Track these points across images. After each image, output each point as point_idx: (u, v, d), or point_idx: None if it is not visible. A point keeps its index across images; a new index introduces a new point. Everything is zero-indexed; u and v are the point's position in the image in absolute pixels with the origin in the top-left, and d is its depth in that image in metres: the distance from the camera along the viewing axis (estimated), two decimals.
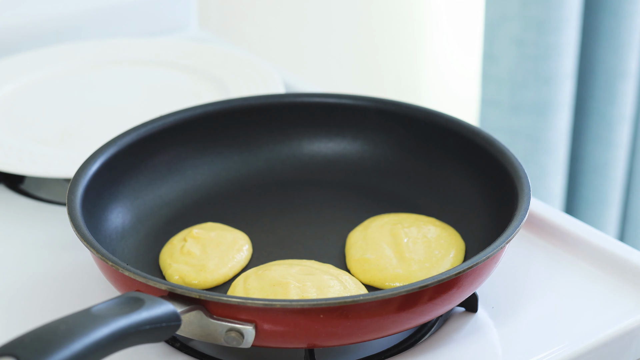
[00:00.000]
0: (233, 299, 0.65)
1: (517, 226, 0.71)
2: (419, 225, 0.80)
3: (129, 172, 0.83)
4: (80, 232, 0.71)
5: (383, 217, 0.82)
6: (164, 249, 0.79)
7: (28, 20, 1.20)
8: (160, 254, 0.79)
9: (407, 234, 0.78)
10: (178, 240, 0.79)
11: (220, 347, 0.73)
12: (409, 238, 0.78)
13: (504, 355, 0.73)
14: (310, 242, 0.82)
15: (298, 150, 0.90)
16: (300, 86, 1.12)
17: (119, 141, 0.83)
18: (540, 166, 1.58)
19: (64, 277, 0.80)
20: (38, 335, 0.56)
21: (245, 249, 0.79)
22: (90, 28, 1.24)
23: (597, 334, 0.74)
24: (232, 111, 0.89)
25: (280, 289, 0.71)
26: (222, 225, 0.82)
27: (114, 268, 0.68)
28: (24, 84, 1.09)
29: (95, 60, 1.14)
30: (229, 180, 0.88)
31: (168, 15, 1.29)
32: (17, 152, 0.94)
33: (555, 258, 0.82)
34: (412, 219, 0.81)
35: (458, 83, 1.86)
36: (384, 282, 0.75)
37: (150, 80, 1.11)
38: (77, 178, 0.77)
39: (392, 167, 0.88)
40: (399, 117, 0.88)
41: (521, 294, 0.78)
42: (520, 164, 0.78)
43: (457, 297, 0.69)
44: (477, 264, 0.68)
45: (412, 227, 0.79)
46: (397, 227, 0.79)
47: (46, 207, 0.91)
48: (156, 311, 0.62)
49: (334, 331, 0.66)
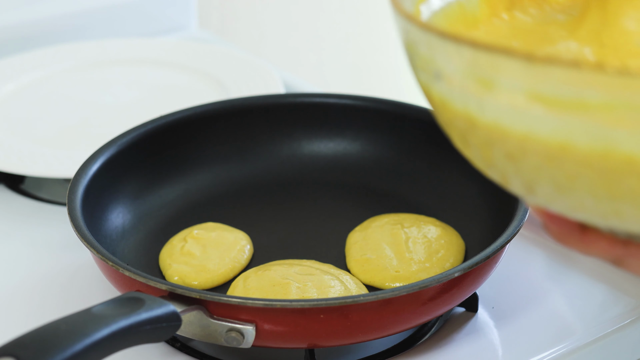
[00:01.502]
0: (233, 299, 0.65)
1: (517, 226, 0.71)
2: (419, 225, 0.80)
3: (129, 172, 0.83)
4: (80, 232, 0.71)
5: (383, 217, 0.82)
6: (163, 249, 0.79)
7: (28, 20, 1.20)
8: (160, 254, 0.79)
9: (408, 234, 0.78)
10: (178, 241, 0.79)
11: (221, 347, 0.73)
12: (409, 238, 0.78)
13: (504, 355, 0.73)
14: (310, 242, 0.82)
15: (298, 150, 0.90)
16: (300, 86, 1.12)
17: (119, 141, 0.83)
18: None
19: (64, 277, 0.80)
20: (38, 335, 0.56)
21: (246, 249, 0.79)
22: (90, 28, 1.24)
23: (597, 334, 0.74)
24: (232, 111, 0.89)
25: (280, 289, 0.71)
26: (222, 225, 0.82)
27: (114, 268, 0.68)
28: (24, 84, 1.09)
29: (95, 60, 1.14)
30: (229, 180, 0.88)
31: (168, 15, 1.29)
32: (17, 152, 0.94)
33: (555, 258, 0.82)
34: (413, 219, 0.81)
35: None
36: (384, 282, 0.75)
37: (150, 80, 1.11)
38: (77, 178, 0.77)
39: (392, 167, 0.88)
40: (399, 117, 0.88)
41: (521, 294, 0.78)
42: None
43: (457, 297, 0.69)
44: (477, 264, 0.68)
45: (413, 227, 0.79)
46: (398, 227, 0.79)
47: (46, 207, 0.91)
48: (156, 311, 0.62)
49: (334, 331, 0.66)
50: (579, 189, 0.47)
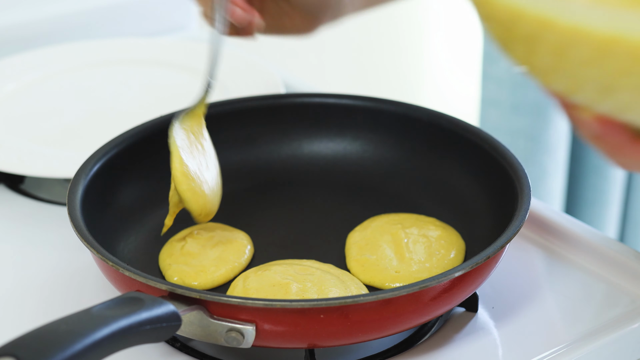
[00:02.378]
0: (233, 299, 0.65)
1: (518, 226, 0.71)
2: (419, 225, 0.80)
3: (129, 172, 0.83)
4: (80, 232, 0.71)
5: (383, 217, 0.82)
6: (163, 249, 0.79)
7: (28, 20, 1.20)
8: (160, 254, 0.79)
9: (408, 234, 0.78)
10: (178, 240, 0.79)
11: (221, 347, 0.73)
12: (409, 238, 0.78)
13: (504, 355, 0.73)
14: (310, 242, 0.82)
15: (298, 150, 0.90)
16: (301, 86, 1.12)
17: (119, 141, 0.83)
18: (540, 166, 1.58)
19: (64, 277, 0.80)
20: (38, 335, 0.56)
21: (247, 249, 0.79)
22: (91, 28, 1.24)
23: (597, 334, 0.74)
24: (232, 111, 0.89)
25: (280, 289, 0.71)
26: (222, 225, 0.82)
27: (114, 268, 0.68)
28: (24, 84, 1.09)
29: (95, 60, 1.14)
30: (229, 180, 0.87)
31: (168, 15, 1.30)
32: (17, 152, 0.94)
33: (555, 258, 0.82)
34: (413, 219, 0.81)
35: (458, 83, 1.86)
36: (384, 283, 0.75)
37: (150, 80, 1.11)
38: (77, 178, 0.77)
39: (392, 167, 0.88)
40: (399, 117, 0.88)
41: (521, 294, 0.78)
42: (520, 164, 0.78)
43: (457, 297, 0.69)
44: (477, 264, 0.68)
45: (413, 227, 0.79)
46: (398, 227, 0.79)
47: (46, 207, 0.91)
48: (156, 311, 0.62)
49: (335, 331, 0.66)
50: (628, 85, 0.47)
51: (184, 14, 1.31)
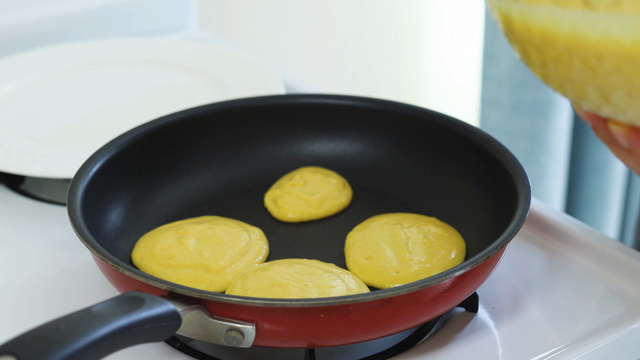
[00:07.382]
0: (233, 299, 0.65)
1: (517, 226, 0.71)
2: (420, 225, 0.80)
3: (129, 172, 0.83)
4: (80, 232, 0.71)
5: (383, 217, 0.82)
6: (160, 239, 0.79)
7: (28, 20, 1.20)
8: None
9: (408, 234, 0.78)
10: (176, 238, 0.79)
11: (221, 347, 0.73)
12: (409, 238, 0.78)
13: (504, 355, 0.73)
14: (310, 242, 0.82)
15: (298, 150, 0.90)
16: (301, 86, 1.12)
17: (119, 141, 0.83)
18: (540, 166, 1.58)
19: (64, 277, 0.80)
20: (38, 334, 0.56)
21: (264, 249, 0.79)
22: (91, 28, 1.24)
23: (597, 334, 0.74)
24: (232, 111, 0.89)
25: (280, 289, 0.71)
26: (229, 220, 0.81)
27: (114, 268, 0.68)
28: (24, 84, 1.09)
29: (95, 60, 1.14)
30: (229, 181, 0.88)
31: (168, 15, 1.30)
32: (17, 152, 0.94)
33: (555, 258, 0.82)
34: (413, 219, 0.81)
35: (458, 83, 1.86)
36: (384, 283, 0.75)
37: (150, 80, 1.11)
38: (77, 178, 0.77)
39: (392, 168, 0.88)
40: (399, 117, 0.88)
41: (521, 294, 0.78)
42: (520, 164, 0.78)
43: (457, 297, 0.69)
44: (477, 264, 0.68)
45: (413, 227, 0.79)
46: (397, 227, 0.79)
47: (46, 207, 0.91)
48: (156, 310, 0.62)
49: (335, 331, 0.66)
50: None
51: (184, 14, 1.31)
